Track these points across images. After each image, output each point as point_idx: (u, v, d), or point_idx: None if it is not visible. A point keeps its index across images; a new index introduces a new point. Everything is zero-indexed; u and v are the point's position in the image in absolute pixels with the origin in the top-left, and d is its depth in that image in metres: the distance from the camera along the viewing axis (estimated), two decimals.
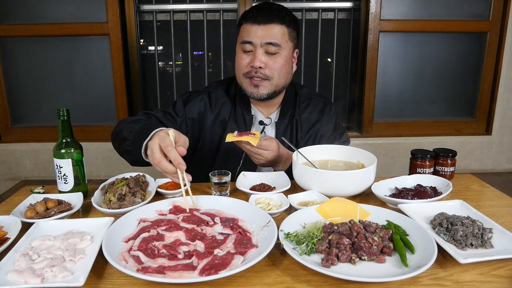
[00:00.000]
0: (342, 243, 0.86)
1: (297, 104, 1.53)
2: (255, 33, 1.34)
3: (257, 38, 1.34)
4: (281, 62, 1.37)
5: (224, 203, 1.09)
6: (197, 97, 1.50)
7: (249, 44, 1.35)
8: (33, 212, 1.05)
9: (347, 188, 1.15)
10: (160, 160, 1.01)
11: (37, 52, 2.50)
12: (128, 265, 0.81)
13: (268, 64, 1.36)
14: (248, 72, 1.38)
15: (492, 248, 0.88)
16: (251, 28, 1.35)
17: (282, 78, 1.41)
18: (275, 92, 1.42)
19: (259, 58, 1.34)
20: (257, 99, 1.41)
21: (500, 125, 2.65)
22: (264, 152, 1.26)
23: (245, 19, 1.38)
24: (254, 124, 1.49)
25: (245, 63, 1.38)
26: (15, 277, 0.77)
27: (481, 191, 1.30)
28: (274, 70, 1.37)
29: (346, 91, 2.75)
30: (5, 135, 2.60)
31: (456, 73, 2.65)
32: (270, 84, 1.39)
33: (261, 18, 1.34)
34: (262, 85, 1.38)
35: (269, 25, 1.34)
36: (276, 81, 1.39)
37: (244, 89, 1.42)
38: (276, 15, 1.34)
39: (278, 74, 1.39)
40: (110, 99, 2.57)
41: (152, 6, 2.52)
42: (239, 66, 1.40)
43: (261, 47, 1.34)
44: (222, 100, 1.50)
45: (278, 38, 1.35)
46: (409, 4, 2.49)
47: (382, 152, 2.61)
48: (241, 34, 1.39)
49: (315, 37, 2.61)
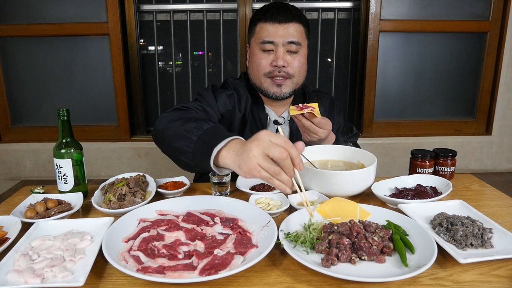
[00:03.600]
0: (342, 243, 0.86)
1: (306, 101, 1.54)
2: (276, 32, 1.34)
3: (279, 38, 1.34)
4: (301, 61, 1.40)
5: (224, 203, 1.09)
6: (224, 93, 1.43)
7: (270, 43, 1.35)
8: (33, 212, 1.05)
9: (347, 188, 1.15)
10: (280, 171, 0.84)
11: (37, 52, 2.50)
12: (128, 265, 0.81)
13: (290, 63, 1.37)
14: (270, 71, 1.37)
15: (492, 248, 0.88)
16: (272, 27, 1.34)
17: (302, 76, 1.44)
18: (294, 91, 1.44)
19: (282, 57, 1.35)
20: (279, 98, 1.41)
21: (500, 125, 2.65)
22: (321, 131, 1.26)
23: (264, 18, 1.36)
24: (269, 124, 1.49)
25: (267, 62, 1.37)
26: (15, 277, 0.77)
27: (481, 191, 1.30)
28: (295, 69, 1.39)
29: (346, 91, 2.75)
30: (5, 135, 2.60)
31: (456, 73, 2.65)
32: (291, 83, 1.40)
33: (281, 18, 1.34)
34: (285, 84, 1.39)
35: (289, 24, 1.34)
36: (297, 79, 1.41)
37: (265, 89, 1.41)
38: (295, 14, 1.36)
39: (299, 73, 1.40)
40: (110, 99, 2.57)
41: (152, 6, 2.52)
42: (260, 66, 1.38)
43: (283, 46, 1.35)
44: (245, 97, 1.47)
45: (298, 37, 1.36)
46: (409, 4, 2.49)
47: (382, 152, 2.61)
48: (259, 33, 1.38)
49: (315, 37, 2.61)
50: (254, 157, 0.84)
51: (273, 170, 0.84)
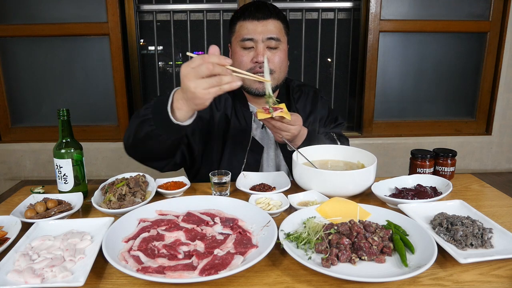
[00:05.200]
0: (342, 243, 0.86)
1: (290, 96, 1.56)
2: (255, 29, 1.36)
3: (258, 34, 1.36)
4: (282, 56, 1.41)
5: (224, 203, 1.09)
6: None
7: (250, 40, 1.37)
8: (33, 212, 1.05)
9: (347, 188, 1.15)
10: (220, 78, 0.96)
11: (37, 52, 2.50)
12: (128, 265, 0.81)
13: (271, 59, 1.38)
14: (252, 68, 1.38)
15: (492, 248, 0.88)
16: (250, 25, 1.36)
17: (283, 72, 1.45)
18: (277, 86, 1.45)
19: (262, 53, 1.36)
20: (262, 94, 1.42)
21: (500, 125, 2.65)
22: (292, 128, 1.26)
23: (242, 16, 1.39)
24: (254, 120, 1.49)
25: (248, 59, 1.39)
26: (15, 277, 0.77)
27: (481, 191, 1.30)
28: (276, 64, 1.40)
29: (346, 91, 2.75)
30: (5, 135, 2.60)
31: (456, 73, 2.65)
32: (273, 79, 1.41)
33: (259, 15, 1.36)
34: None
35: (268, 21, 1.37)
36: (278, 75, 1.42)
37: (248, 86, 1.42)
38: (273, 11, 1.38)
39: (280, 68, 1.42)
40: (110, 99, 2.57)
41: (152, 6, 2.52)
42: (241, 63, 1.40)
43: (262, 42, 1.36)
44: (225, 97, 1.49)
45: (277, 33, 1.38)
46: (409, 4, 2.49)
47: (382, 152, 2.61)
48: (238, 32, 1.40)
49: (315, 37, 2.61)
50: (195, 88, 0.96)
51: (215, 81, 0.96)
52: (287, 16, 2.54)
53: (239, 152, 1.46)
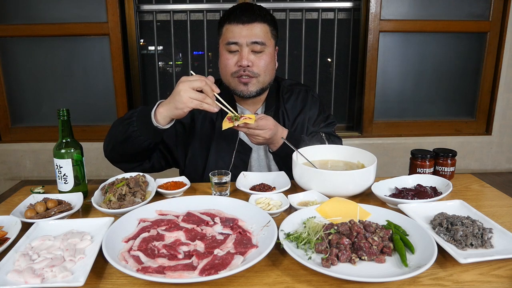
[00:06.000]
0: (342, 243, 0.86)
1: (280, 96, 1.56)
2: (240, 33, 1.36)
3: (242, 38, 1.36)
4: (266, 60, 1.41)
5: (224, 203, 1.09)
6: None
7: (235, 44, 1.37)
8: (33, 212, 1.05)
9: (347, 188, 1.15)
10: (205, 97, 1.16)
11: (37, 52, 2.50)
12: (128, 265, 0.81)
13: (255, 62, 1.39)
14: (236, 71, 1.40)
15: (492, 248, 0.88)
16: (235, 28, 1.37)
17: (268, 75, 1.45)
18: (262, 89, 1.45)
19: (247, 57, 1.37)
20: (246, 97, 1.43)
21: (500, 125, 2.65)
22: (261, 132, 1.27)
23: (228, 19, 1.39)
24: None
25: (232, 63, 1.40)
26: (15, 277, 0.77)
27: (481, 191, 1.30)
28: (261, 68, 1.41)
29: (346, 91, 2.75)
30: (5, 135, 2.60)
31: (456, 73, 2.65)
32: (257, 82, 1.42)
33: (244, 18, 1.36)
34: (251, 83, 1.41)
35: (253, 25, 1.37)
36: (263, 78, 1.43)
37: (233, 88, 1.44)
38: (259, 14, 1.38)
39: (265, 72, 1.42)
40: (110, 99, 2.57)
41: (152, 6, 2.52)
42: (226, 67, 1.41)
43: (247, 46, 1.37)
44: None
45: (262, 36, 1.38)
46: (409, 4, 2.49)
47: (382, 152, 2.61)
48: (224, 35, 1.41)
49: (315, 37, 2.61)
50: (184, 92, 1.15)
51: (201, 97, 1.16)
52: (287, 16, 2.54)
53: (226, 154, 1.47)
